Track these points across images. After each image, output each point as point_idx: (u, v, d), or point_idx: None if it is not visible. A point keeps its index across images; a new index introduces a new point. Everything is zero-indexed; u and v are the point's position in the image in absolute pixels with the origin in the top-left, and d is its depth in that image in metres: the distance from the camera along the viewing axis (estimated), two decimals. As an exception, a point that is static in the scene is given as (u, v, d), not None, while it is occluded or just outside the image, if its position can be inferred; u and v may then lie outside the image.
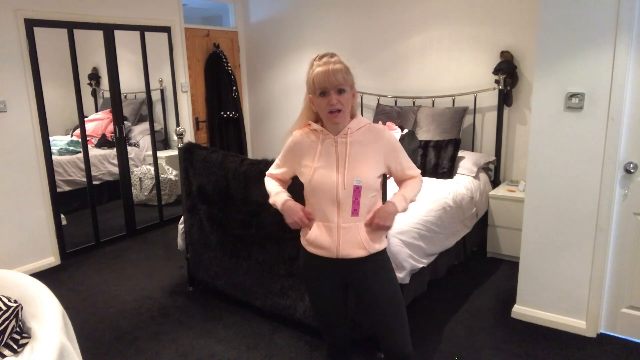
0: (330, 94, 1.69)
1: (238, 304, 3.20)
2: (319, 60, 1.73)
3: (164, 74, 4.93)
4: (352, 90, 1.76)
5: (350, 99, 1.74)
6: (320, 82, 1.69)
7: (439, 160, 3.91)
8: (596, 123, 2.55)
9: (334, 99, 1.69)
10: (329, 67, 1.68)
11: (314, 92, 1.73)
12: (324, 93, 1.70)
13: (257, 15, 5.63)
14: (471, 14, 4.14)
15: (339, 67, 1.69)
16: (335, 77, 1.68)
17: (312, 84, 1.72)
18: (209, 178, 3.00)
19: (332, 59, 1.71)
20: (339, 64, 1.71)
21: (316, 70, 1.70)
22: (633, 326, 2.71)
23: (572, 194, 2.69)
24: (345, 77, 1.70)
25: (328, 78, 1.68)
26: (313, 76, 1.71)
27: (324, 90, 1.70)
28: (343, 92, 1.71)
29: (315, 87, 1.71)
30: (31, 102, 3.77)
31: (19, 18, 3.65)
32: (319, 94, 1.71)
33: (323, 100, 1.71)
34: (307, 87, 1.77)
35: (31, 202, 3.85)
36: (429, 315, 3.06)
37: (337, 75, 1.68)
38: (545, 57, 2.63)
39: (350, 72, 1.75)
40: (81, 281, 3.72)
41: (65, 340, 1.88)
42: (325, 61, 1.70)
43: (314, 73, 1.71)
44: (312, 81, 1.71)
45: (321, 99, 1.71)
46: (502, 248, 3.84)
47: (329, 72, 1.67)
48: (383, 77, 4.74)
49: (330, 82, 1.68)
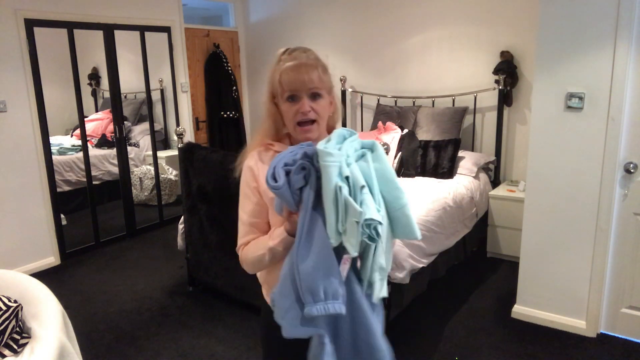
0: (301, 98, 1.28)
1: (238, 304, 3.20)
2: (289, 54, 1.31)
3: (164, 74, 4.93)
4: (330, 96, 1.35)
5: (327, 106, 1.33)
6: (289, 82, 1.27)
7: (439, 160, 3.91)
8: (596, 123, 2.55)
9: (307, 105, 1.28)
10: (301, 62, 1.28)
11: (280, 96, 1.30)
12: (293, 97, 1.28)
13: (257, 15, 5.63)
14: (471, 14, 4.14)
15: (313, 64, 1.29)
16: (309, 76, 1.27)
17: (279, 85, 1.29)
18: (209, 178, 3.00)
19: (305, 54, 1.31)
20: (314, 60, 1.31)
21: (284, 66, 1.29)
22: (633, 326, 2.71)
23: (572, 194, 2.69)
24: (321, 78, 1.30)
25: (299, 77, 1.27)
26: (280, 73, 1.28)
27: (293, 93, 1.28)
28: (318, 97, 1.30)
29: (283, 89, 1.29)
30: (31, 102, 3.77)
31: (19, 18, 3.65)
32: (287, 98, 1.29)
33: (291, 107, 1.29)
34: (270, 89, 1.34)
35: (31, 202, 3.85)
36: (429, 315, 3.06)
37: (311, 73, 1.27)
38: (545, 57, 2.63)
39: (329, 72, 1.35)
40: (81, 281, 3.72)
41: (65, 340, 1.88)
42: (296, 56, 1.30)
43: (281, 69, 1.29)
44: (279, 81, 1.29)
45: (289, 105, 1.29)
46: (502, 248, 3.84)
47: (301, 69, 1.27)
48: (383, 77, 4.75)
49: (303, 83, 1.27)
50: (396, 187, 1.22)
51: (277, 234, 1.27)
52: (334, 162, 1.13)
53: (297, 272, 1.15)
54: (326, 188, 1.13)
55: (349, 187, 1.13)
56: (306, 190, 1.18)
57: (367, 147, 1.25)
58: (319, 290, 1.15)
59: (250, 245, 1.36)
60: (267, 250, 1.28)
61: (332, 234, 1.14)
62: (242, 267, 1.39)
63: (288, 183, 1.16)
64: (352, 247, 1.12)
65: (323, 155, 1.14)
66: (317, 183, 1.17)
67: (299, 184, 1.17)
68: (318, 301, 1.14)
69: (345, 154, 1.18)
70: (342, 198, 1.11)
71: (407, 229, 1.25)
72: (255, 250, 1.33)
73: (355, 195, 1.13)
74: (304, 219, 1.17)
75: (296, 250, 1.17)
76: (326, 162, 1.13)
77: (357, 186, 1.13)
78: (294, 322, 1.18)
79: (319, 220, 1.17)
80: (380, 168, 1.21)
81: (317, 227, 1.17)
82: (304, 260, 1.15)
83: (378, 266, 1.20)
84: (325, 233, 1.15)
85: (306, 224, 1.17)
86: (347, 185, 1.13)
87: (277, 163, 1.17)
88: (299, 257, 1.15)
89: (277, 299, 1.22)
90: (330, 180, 1.12)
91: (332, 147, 1.17)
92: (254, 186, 1.34)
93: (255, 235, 1.36)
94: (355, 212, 1.10)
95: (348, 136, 1.24)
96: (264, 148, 1.37)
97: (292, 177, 1.16)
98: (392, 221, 1.24)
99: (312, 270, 1.15)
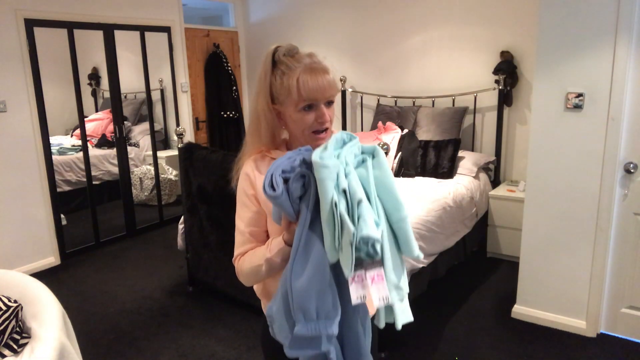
0: (319, 107, 1.24)
1: (238, 304, 3.20)
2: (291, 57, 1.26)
3: (164, 74, 4.93)
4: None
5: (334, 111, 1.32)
6: (309, 91, 1.21)
7: (439, 160, 3.91)
8: (596, 123, 2.55)
9: (327, 114, 1.25)
10: (319, 68, 1.25)
11: (295, 104, 1.24)
12: (311, 106, 1.24)
13: (257, 15, 5.63)
14: (471, 14, 4.14)
15: (326, 68, 1.26)
16: (329, 85, 1.24)
17: (297, 92, 1.22)
18: (209, 178, 3.00)
19: (317, 59, 1.28)
20: (325, 66, 1.27)
21: (303, 73, 1.23)
22: (633, 326, 2.71)
23: (572, 194, 2.69)
24: (334, 83, 1.27)
25: (320, 86, 1.22)
26: (298, 80, 1.22)
27: (312, 102, 1.23)
28: (332, 103, 1.28)
29: (300, 97, 1.22)
30: (31, 102, 3.77)
31: (19, 18, 3.65)
32: (303, 107, 1.24)
33: (309, 116, 1.24)
34: (280, 95, 1.26)
35: (31, 202, 3.85)
36: (429, 315, 3.06)
37: (330, 81, 1.25)
38: (545, 57, 2.63)
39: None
40: (81, 281, 3.72)
41: (65, 340, 1.88)
42: (311, 62, 1.25)
43: (298, 75, 1.22)
44: (297, 88, 1.22)
45: (305, 113, 1.24)
46: (502, 248, 3.84)
47: (320, 77, 1.23)
48: (383, 77, 4.75)
49: (323, 92, 1.23)
50: (396, 199, 1.14)
51: (275, 245, 1.22)
52: (330, 175, 1.06)
53: (290, 289, 1.10)
54: (322, 203, 1.07)
55: (346, 201, 1.06)
56: (305, 200, 1.12)
57: (367, 152, 1.18)
58: (311, 310, 1.09)
59: (246, 256, 1.30)
60: (264, 262, 1.22)
61: (329, 251, 1.07)
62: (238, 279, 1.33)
63: (287, 191, 1.09)
64: (346, 268, 1.04)
65: (318, 168, 1.06)
66: (316, 192, 1.09)
67: (298, 192, 1.11)
68: (309, 320, 1.09)
69: (344, 161, 1.11)
70: (339, 214, 1.04)
71: (405, 246, 1.15)
72: (251, 261, 1.27)
73: (352, 209, 1.05)
74: (301, 233, 1.11)
75: (291, 266, 1.11)
76: (322, 175, 1.06)
77: (354, 200, 1.06)
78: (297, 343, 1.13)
79: (318, 234, 1.10)
80: (381, 176, 1.14)
81: (315, 242, 1.10)
82: (298, 278, 1.09)
83: (392, 285, 1.08)
84: (323, 249, 1.08)
85: (303, 237, 1.10)
86: (345, 198, 1.06)
87: (274, 170, 1.11)
88: (293, 273, 1.10)
89: (276, 317, 1.17)
90: (326, 195, 1.06)
91: (329, 156, 1.09)
92: (252, 193, 1.30)
93: (252, 245, 1.31)
94: (348, 232, 1.02)
95: (348, 140, 1.17)
96: (260, 156, 1.32)
97: (290, 185, 1.10)
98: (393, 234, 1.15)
99: (305, 288, 1.08)
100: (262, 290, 1.39)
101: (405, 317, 1.13)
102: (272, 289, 1.33)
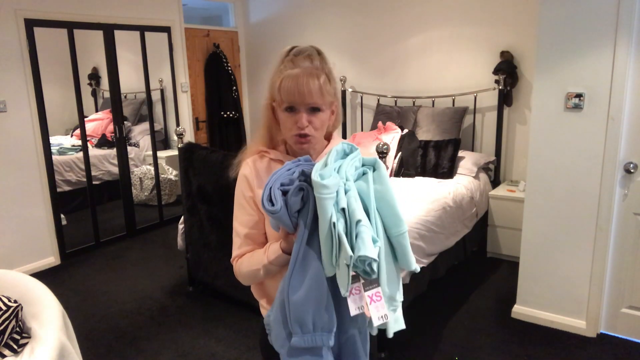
0: (299, 111, 1.19)
1: (238, 304, 3.20)
2: (291, 60, 1.22)
3: (164, 74, 4.93)
4: (333, 105, 1.25)
5: (326, 119, 1.24)
6: (287, 93, 1.18)
7: (439, 160, 3.91)
8: (596, 123, 2.55)
9: (304, 120, 1.19)
10: (303, 72, 1.18)
11: (279, 103, 1.22)
12: (291, 108, 1.20)
13: (257, 15, 5.63)
14: (471, 14, 4.14)
15: (315, 73, 1.19)
16: (308, 89, 1.17)
17: (278, 92, 1.20)
18: (209, 178, 3.00)
19: (312, 64, 1.21)
20: (317, 72, 1.20)
21: (285, 73, 1.20)
22: (633, 326, 2.71)
23: (572, 194, 2.69)
24: (323, 92, 1.19)
25: (298, 89, 1.17)
26: (280, 80, 1.20)
27: (291, 105, 1.19)
28: (317, 110, 1.20)
29: (281, 98, 1.20)
30: (31, 102, 3.77)
31: (19, 18, 3.65)
32: (285, 108, 1.21)
33: (289, 118, 1.20)
34: (270, 91, 1.26)
35: (31, 202, 3.85)
36: (429, 315, 3.06)
37: (311, 86, 1.17)
38: (545, 57, 2.63)
39: (334, 80, 1.25)
40: (81, 281, 3.72)
41: (65, 340, 1.88)
42: (299, 63, 1.21)
43: (282, 76, 1.20)
44: (278, 88, 1.20)
45: (287, 115, 1.21)
46: (502, 248, 3.84)
47: (301, 81, 1.17)
48: (383, 77, 4.75)
49: (302, 96, 1.17)
50: (396, 214, 1.13)
51: (272, 252, 1.22)
52: (330, 195, 1.05)
53: (288, 302, 1.11)
54: (321, 221, 1.07)
55: (345, 219, 1.06)
56: (303, 214, 1.12)
57: (368, 165, 1.16)
58: (307, 322, 1.11)
59: (244, 258, 1.30)
60: (261, 267, 1.24)
61: (326, 266, 1.09)
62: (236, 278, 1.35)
63: (285, 205, 1.09)
64: (342, 288, 1.06)
65: (318, 187, 1.05)
66: (315, 206, 1.09)
67: (296, 206, 1.10)
68: (306, 332, 1.11)
69: (344, 175, 1.10)
70: (337, 235, 1.05)
71: (403, 260, 1.17)
72: (249, 265, 1.27)
73: (350, 229, 1.06)
74: (299, 248, 1.11)
75: (288, 280, 1.11)
76: (321, 194, 1.05)
77: (353, 220, 1.06)
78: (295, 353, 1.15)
79: (315, 249, 1.10)
80: (382, 190, 1.12)
81: (312, 257, 1.11)
82: (296, 292, 1.10)
83: (386, 297, 1.11)
84: (321, 264, 1.10)
85: (301, 252, 1.11)
86: (344, 216, 1.06)
87: (273, 183, 1.09)
88: (291, 287, 1.11)
89: (273, 326, 1.18)
90: (325, 214, 1.05)
91: (329, 172, 1.08)
92: (250, 196, 1.28)
93: (250, 248, 1.30)
94: (345, 254, 1.03)
95: (349, 151, 1.16)
96: (258, 156, 1.32)
97: (289, 198, 1.09)
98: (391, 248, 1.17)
99: (302, 302, 1.10)
100: (260, 291, 1.39)
101: (398, 326, 1.17)
102: (269, 290, 1.34)
